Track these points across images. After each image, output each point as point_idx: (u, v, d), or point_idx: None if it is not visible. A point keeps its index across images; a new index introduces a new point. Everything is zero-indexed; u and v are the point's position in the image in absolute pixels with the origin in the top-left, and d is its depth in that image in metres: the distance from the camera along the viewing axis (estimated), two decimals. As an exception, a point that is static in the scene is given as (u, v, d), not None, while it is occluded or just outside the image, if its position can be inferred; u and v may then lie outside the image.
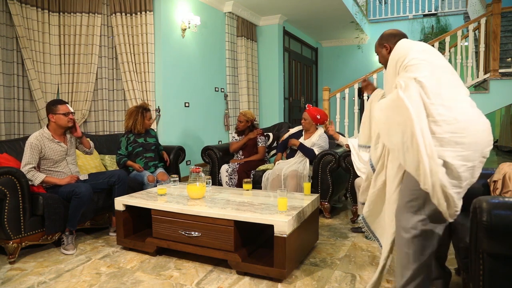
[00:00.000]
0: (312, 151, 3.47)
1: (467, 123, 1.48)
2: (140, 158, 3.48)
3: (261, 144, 4.04)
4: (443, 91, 1.52)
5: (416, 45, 1.71)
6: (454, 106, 1.50)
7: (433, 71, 1.56)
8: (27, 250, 2.63)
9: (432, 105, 1.48)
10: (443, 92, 1.51)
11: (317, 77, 8.94)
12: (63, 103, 2.76)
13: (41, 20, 3.81)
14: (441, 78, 1.56)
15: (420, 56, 1.61)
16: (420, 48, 1.68)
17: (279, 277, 2.09)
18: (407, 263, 1.59)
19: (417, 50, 1.66)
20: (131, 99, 4.35)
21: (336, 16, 6.67)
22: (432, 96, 1.49)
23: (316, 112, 3.63)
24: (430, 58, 1.62)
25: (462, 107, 1.52)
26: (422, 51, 1.66)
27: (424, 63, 1.58)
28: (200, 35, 5.17)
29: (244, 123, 4.02)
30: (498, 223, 1.27)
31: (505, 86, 4.81)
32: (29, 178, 2.57)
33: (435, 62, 1.61)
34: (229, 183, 3.76)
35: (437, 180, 1.41)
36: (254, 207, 2.34)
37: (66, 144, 2.83)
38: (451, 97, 1.53)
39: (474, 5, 7.41)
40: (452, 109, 1.49)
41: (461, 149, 1.46)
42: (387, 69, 1.80)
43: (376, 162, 1.86)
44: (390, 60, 1.77)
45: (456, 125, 1.47)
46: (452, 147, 1.46)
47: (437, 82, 1.52)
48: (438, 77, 1.55)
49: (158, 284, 2.12)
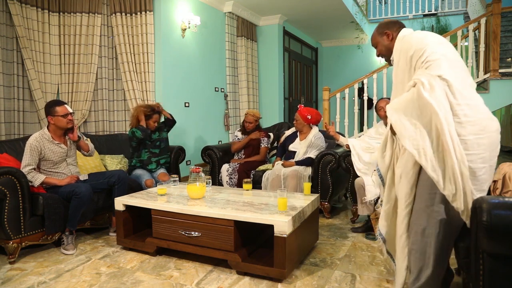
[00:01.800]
0: (308, 160, 3.44)
1: (485, 122, 1.43)
2: (146, 151, 3.50)
3: (264, 145, 4.04)
4: (464, 89, 1.43)
5: (432, 36, 1.56)
6: (476, 105, 1.43)
7: (453, 66, 1.46)
8: (27, 250, 2.63)
9: (458, 105, 1.40)
10: (465, 91, 1.43)
11: (317, 77, 8.94)
12: (61, 104, 2.74)
13: (41, 20, 3.81)
14: (460, 75, 1.46)
15: (440, 50, 1.49)
16: (437, 40, 1.54)
17: (279, 277, 2.09)
18: (427, 260, 1.54)
19: (435, 42, 1.52)
20: (131, 99, 4.35)
21: (336, 16, 6.66)
22: (458, 95, 1.40)
23: (306, 113, 3.58)
24: (448, 53, 1.50)
25: (481, 106, 1.45)
26: (439, 44, 1.53)
27: (444, 58, 1.45)
28: (200, 35, 5.17)
29: (254, 123, 4.02)
30: (498, 223, 1.27)
31: (505, 86, 4.81)
32: (29, 179, 2.57)
33: (452, 57, 1.50)
34: (229, 182, 3.76)
35: (467, 185, 1.37)
36: (254, 207, 2.34)
37: (66, 145, 2.82)
38: (472, 96, 1.45)
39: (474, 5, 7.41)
40: (475, 109, 1.42)
41: (482, 151, 1.42)
42: (398, 63, 1.63)
43: (385, 172, 1.75)
44: (400, 52, 1.62)
45: (478, 126, 1.41)
46: (475, 149, 1.40)
47: (460, 80, 1.44)
48: (458, 73, 1.46)
49: (158, 284, 2.12)
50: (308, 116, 3.56)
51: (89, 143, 3.02)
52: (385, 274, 2.19)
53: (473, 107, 1.43)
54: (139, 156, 3.51)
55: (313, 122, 3.61)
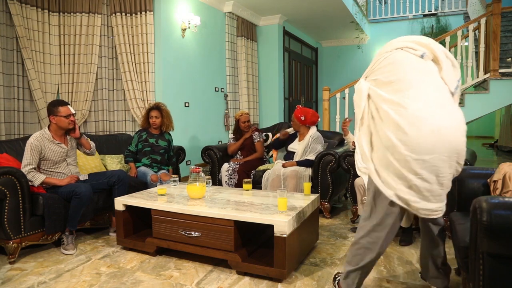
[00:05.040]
0: (308, 161, 3.44)
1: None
2: (147, 158, 3.51)
3: (258, 139, 4.02)
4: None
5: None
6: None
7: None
8: (27, 250, 2.63)
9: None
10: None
11: (317, 77, 8.94)
12: (64, 105, 2.74)
13: (41, 20, 3.81)
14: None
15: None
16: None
17: (279, 277, 2.09)
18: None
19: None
20: (131, 99, 4.36)
21: (336, 16, 6.67)
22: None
23: (300, 114, 3.56)
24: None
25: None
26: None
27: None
28: (200, 35, 5.17)
29: (247, 122, 4.04)
30: (498, 223, 1.27)
31: (505, 86, 4.81)
32: (29, 179, 2.56)
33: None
34: (228, 182, 3.76)
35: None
36: (254, 207, 2.34)
37: (66, 145, 2.82)
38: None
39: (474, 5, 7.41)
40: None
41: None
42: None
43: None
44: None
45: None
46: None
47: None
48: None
49: (158, 284, 2.12)
50: (301, 117, 3.55)
51: (90, 141, 3.02)
52: (385, 274, 2.20)
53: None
54: (141, 161, 3.54)
55: (308, 123, 3.58)
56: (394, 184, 1.55)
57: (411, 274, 2.19)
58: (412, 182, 1.51)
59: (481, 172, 2.12)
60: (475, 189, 2.06)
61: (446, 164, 1.50)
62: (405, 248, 2.61)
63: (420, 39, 1.64)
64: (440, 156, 1.48)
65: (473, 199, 1.41)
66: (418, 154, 1.48)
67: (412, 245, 2.65)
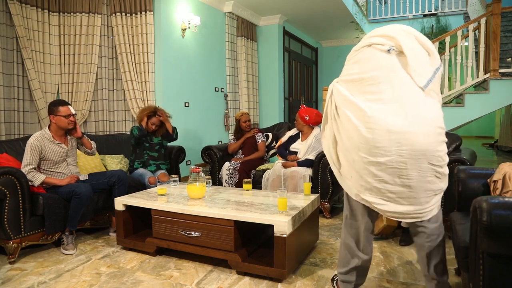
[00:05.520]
0: (308, 162, 3.43)
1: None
2: (145, 153, 3.52)
3: (261, 140, 4.05)
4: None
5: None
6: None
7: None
8: (27, 250, 2.63)
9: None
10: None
11: (317, 77, 8.94)
12: (65, 105, 2.74)
13: (41, 20, 3.81)
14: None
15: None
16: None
17: (279, 277, 2.09)
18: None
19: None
20: (131, 99, 4.36)
21: (336, 16, 6.66)
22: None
23: (305, 113, 3.56)
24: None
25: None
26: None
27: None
28: (200, 35, 5.17)
29: (248, 122, 4.07)
30: (498, 223, 1.26)
31: (505, 86, 4.81)
32: (29, 178, 2.57)
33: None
34: (228, 181, 3.76)
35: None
36: (254, 207, 2.34)
37: (66, 145, 2.82)
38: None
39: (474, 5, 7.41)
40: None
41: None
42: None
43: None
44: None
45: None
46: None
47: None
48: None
49: (158, 284, 2.12)
50: (306, 117, 3.55)
51: (91, 141, 3.02)
52: (385, 274, 2.20)
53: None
54: (140, 158, 3.53)
55: (312, 123, 3.58)
56: (356, 186, 1.54)
57: (411, 274, 2.19)
58: (372, 184, 1.48)
59: (481, 172, 2.12)
60: (475, 189, 2.06)
61: (410, 167, 1.42)
62: (405, 248, 2.61)
63: (388, 31, 1.53)
64: (398, 158, 1.41)
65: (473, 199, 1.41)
66: (374, 156, 1.43)
67: (412, 245, 2.65)
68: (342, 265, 1.78)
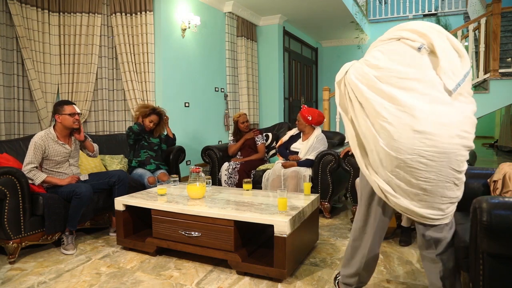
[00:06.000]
0: (308, 162, 3.43)
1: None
2: (144, 151, 3.52)
3: (260, 142, 4.05)
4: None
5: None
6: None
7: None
8: (27, 250, 2.63)
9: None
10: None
11: (317, 77, 8.94)
12: (70, 104, 2.77)
13: (41, 20, 3.81)
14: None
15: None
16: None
17: (279, 277, 2.09)
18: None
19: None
20: (131, 99, 4.36)
21: (336, 16, 6.67)
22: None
23: (307, 113, 3.56)
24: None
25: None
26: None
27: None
28: (200, 35, 5.17)
29: (247, 122, 4.08)
30: (498, 223, 1.27)
31: (505, 86, 4.81)
32: (30, 177, 2.57)
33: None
34: (228, 181, 3.75)
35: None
36: (254, 207, 2.34)
37: (70, 146, 2.83)
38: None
39: (474, 5, 7.41)
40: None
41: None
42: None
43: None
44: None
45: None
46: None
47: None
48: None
49: (158, 284, 2.12)
50: (308, 117, 3.55)
51: (94, 144, 3.03)
52: (385, 274, 2.20)
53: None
54: (138, 157, 3.52)
55: (314, 123, 3.58)
56: (375, 174, 1.49)
57: (411, 274, 2.19)
58: (387, 177, 1.44)
59: (481, 172, 2.12)
60: (475, 189, 2.06)
61: (430, 169, 1.37)
62: (405, 248, 2.61)
63: (418, 27, 1.45)
64: (419, 158, 1.36)
65: (473, 199, 1.41)
66: (394, 151, 1.37)
67: (412, 245, 2.65)
68: (346, 266, 1.78)
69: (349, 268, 1.76)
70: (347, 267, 1.77)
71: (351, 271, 1.75)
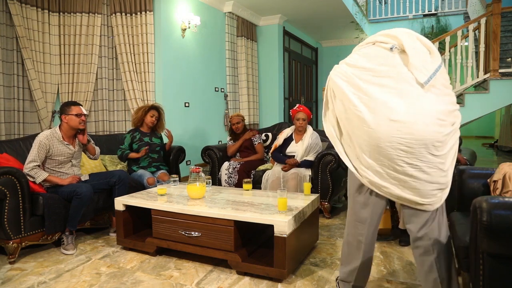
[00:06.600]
0: (308, 163, 3.42)
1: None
2: (145, 157, 3.49)
3: (258, 142, 4.03)
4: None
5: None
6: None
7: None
8: (27, 250, 2.63)
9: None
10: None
11: (317, 77, 8.94)
12: (76, 105, 2.78)
13: (41, 20, 3.81)
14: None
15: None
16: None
17: (279, 277, 2.09)
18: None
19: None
20: (131, 99, 4.36)
21: (336, 16, 6.67)
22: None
23: (307, 111, 3.59)
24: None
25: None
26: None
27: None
28: (200, 35, 5.17)
29: (241, 122, 4.04)
30: (498, 223, 1.27)
31: (505, 86, 4.81)
32: (31, 175, 2.58)
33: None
34: (227, 181, 3.75)
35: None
36: (254, 207, 2.34)
37: (74, 147, 2.83)
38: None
39: (474, 5, 7.41)
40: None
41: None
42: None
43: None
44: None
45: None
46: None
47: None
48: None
49: (158, 284, 2.12)
50: (311, 114, 3.60)
51: (96, 147, 3.03)
52: (385, 274, 2.20)
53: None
54: (138, 164, 3.49)
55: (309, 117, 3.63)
56: (362, 167, 1.56)
57: (411, 274, 2.19)
58: (374, 168, 1.52)
59: (481, 172, 2.12)
60: (475, 189, 2.06)
61: (411, 156, 1.45)
62: (405, 248, 2.61)
63: (389, 31, 1.63)
64: (398, 145, 1.44)
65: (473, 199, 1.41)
66: (376, 140, 1.47)
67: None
68: (344, 263, 1.80)
69: (347, 264, 1.78)
70: (345, 263, 1.80)
71: (349, 267, 1.77)
